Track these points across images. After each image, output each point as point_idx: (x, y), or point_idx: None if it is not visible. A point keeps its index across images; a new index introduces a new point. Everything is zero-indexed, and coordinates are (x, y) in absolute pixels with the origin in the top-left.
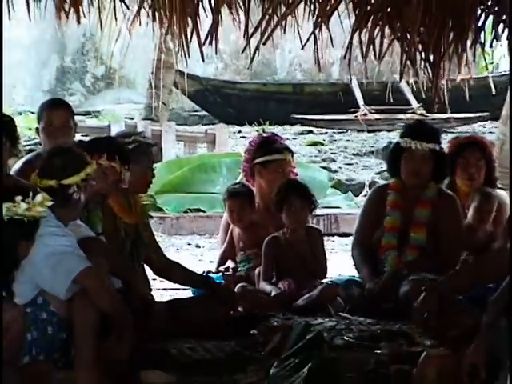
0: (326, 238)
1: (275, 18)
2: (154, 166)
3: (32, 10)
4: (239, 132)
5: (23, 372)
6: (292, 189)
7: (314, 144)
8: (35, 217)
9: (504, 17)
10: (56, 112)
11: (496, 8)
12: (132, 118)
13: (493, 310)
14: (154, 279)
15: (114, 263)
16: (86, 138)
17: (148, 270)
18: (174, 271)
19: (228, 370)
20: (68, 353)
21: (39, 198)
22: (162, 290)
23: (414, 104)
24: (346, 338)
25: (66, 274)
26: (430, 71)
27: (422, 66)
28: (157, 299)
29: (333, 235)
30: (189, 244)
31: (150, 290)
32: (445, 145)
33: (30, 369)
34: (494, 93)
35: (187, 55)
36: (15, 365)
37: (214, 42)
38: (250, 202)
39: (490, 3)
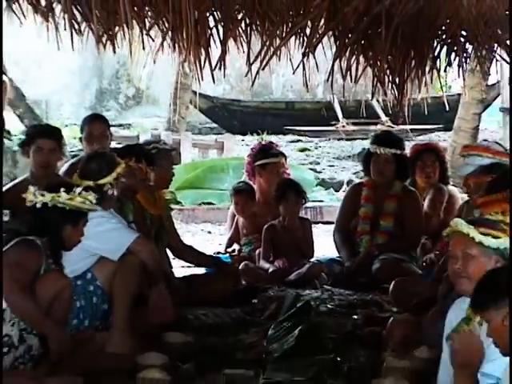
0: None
1: (271, 49)
2: (174, 167)
3: (76, 42)
4: (242, 140)
5: (72, 337)
6: (289, 187)
7: (303, 150)
8: (76, 206)
9: (455, 47)
10: (95, 124)
11: (449, 40)
12: (156, 129)
13: (447, 283)
14: (173, 259)
15: None
16: (119, 146)
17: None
18: (188, 254)
19: (234, 331)
20: (108, 320)
21: (78, 190)
22: (181, 268)
23: (383, 117)
24: (328, 306)
25: (122, 243)
26: (395, 91)
27: (390, 87)
28: (177, 275)
29: (317, 223)
30: (202, 230)
31: (171, 267)
32: (407, 150)
33: (78, 336)
34: (447, 109)
35: (201, 78)
36: (64, 326)
37: (222, 67)
38: (252, 197)
39: (444, 37)
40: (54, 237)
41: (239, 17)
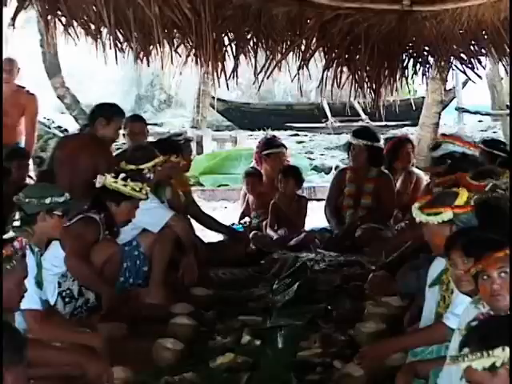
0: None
1: (274, 62)
2: (198, 157)
3: (119, 58)
4: (251, 135)
5: (120, 296)
6: (284, 171)
7: (300, 142)
8: (118, 188)
9: (420, 60)
10: (135, 123)
11: (415, 54)
12: (183, 127)
13: (413, 246)
14: (202, 230)
15: None
16: (155, 140)
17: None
18: (210, 222)
19: (246, 286)
20: (147, 279)
21: (121, 176)
22: (204, 238)
23: (363, 116)
24: (321, 266)
25: (162, 219)
26: (373, 94)
27: (368, 92)
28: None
29: (311, 200)
30: (220, 207)
31: (195, 235)
32: (383, 142)
33: (124, 294)
34: (413, 109)
35: (218, 86)
36: (113, 284)
37: (235, 77)
38: (260, 179)
39: (411, 51)
40: (107, 213)
41: (248, 37)
